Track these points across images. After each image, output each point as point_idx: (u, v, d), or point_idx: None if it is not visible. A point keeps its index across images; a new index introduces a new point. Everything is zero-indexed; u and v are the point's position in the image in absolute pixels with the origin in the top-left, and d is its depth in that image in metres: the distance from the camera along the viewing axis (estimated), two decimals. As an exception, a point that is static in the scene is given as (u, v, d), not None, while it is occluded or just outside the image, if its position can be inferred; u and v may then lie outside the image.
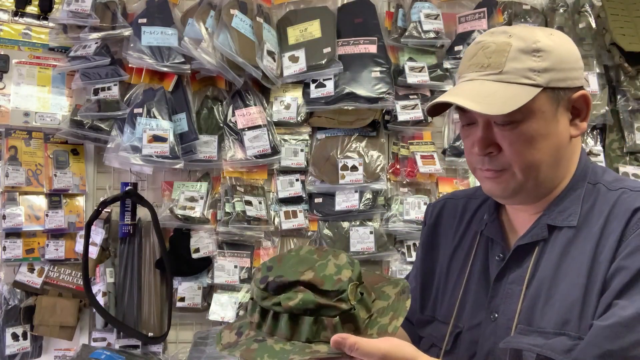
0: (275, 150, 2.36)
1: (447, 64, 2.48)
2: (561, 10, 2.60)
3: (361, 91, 2.37)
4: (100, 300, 2.24)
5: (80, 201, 2.36)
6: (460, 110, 1.03)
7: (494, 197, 1.08)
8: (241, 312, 2.30)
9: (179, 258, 2.32)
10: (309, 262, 0.93)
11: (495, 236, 1.10)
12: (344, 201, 2.37)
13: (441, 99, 1.00)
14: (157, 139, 2.22)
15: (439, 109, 1.04)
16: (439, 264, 1.21)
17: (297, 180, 2.40)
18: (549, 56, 0.97)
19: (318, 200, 2.41)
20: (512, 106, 0.94)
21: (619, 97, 2.56)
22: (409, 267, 2.37)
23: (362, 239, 2.35)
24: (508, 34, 1.00)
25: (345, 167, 2.38)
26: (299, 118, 2.42)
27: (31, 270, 2.28)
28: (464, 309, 1.11)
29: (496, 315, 1.04)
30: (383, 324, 0.91)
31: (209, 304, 2.34)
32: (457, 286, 1.14)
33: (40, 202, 2.28)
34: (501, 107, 0.94)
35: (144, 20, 2.31)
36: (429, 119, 2.47)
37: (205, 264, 2.35)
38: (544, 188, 1.03)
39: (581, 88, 1.02)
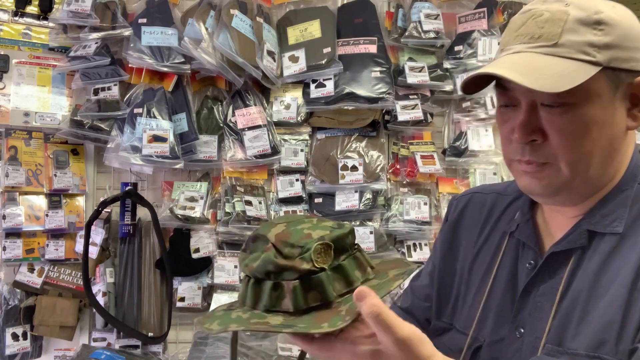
0: (275, 150, 2.36)
1: (447, 64, 2.48)
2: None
3: (361, 91, 2.37)
4: (100, 300, 2.24)
5: (80, 201, 2.36)
6: (500, 87, 0.89)
7: (531, 195, 0.94)
8: None
9: (179, 258, 2.32)
10: (290, 219, 0.84)
11: (528, 240, 0.96)
12: (344, 201, 2.37)
13: (482, 70, 0.85)
14: (157, 139, 2.22)
15: (476, 85, 0.91)
16: (460, 265, 1.07)
17: (297, 180, 2.40)
18: (612, 30, 0.83)
19: (318, 200, 2.41)
20: (567, 84, 0.79)
21: None
22: (409, 267, 2.37)
23: (362, 239, 2.35)
24: (564, 2, 0.85)
25: (345, 167, 2.38)
26: (299, 118, 2.42)
27: (31, 270, 2.28)
28: (485, 320, 0.97)
29: (522, 331, 0.91)
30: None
31: (209, 304, 2.34)
32: (480, 292, 1.00)
33: (40, 202, 2.28)
34: (554, 84, 0.80)
35: (144, 20, 2.31)
36: (429, 119, 2.47)
37: (205, 264, 2.35)
38: (590, 187, 0.89)
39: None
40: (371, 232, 2.36)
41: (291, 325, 0.75)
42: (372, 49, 2.45)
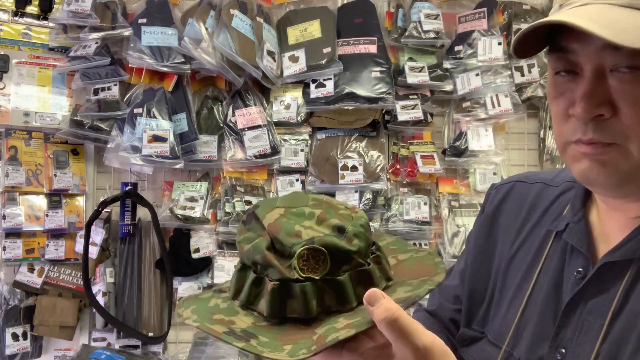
0: (275, 150, 2.36)
1: (447, 64, 2.48)
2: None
3: (361, 91, 2.37)
4: (100, 300, 2.24)
5: (80, 201, 2.35)
6: (558, 51, 0.72)
7: (590, 184, 0.76)
8: None
9: (179, 258, 2.32)
10: (293, 203, 0.71)
11: (579, 244, 0.80)
12: (344, 201, 2.37)
13: (546, 19, 0.68)
14: (157, 139, 2.22)
15: (528, 45, 0.74)
16: (495, 265, 0.93)
17: (297, 180, 2.40)
18: None
19: (318, 200, 2.40)
20: None
21: None
22: (409, 267, 2.37)
23: (362, 239, 2.35)
24: None
25: (345, 167, 2.38)
26: (299, 118, 2.42)
27: (31, 270, 2.28)
28: (522, 333, 0.83)
29: (564, 352, 0.77)
30: (339, 324, 0.64)
31: (209, 304, 2.33)
32: (517, 300, 0.86)
33: (40, 202, 2.28)
34: (634, 36, 0.63)
35: (144, 20, 2.31)
36: (429, 119, 2.47)
37: (205, 264, 2.35)
38: None
39: None
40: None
41: (249, 337, 0.64)
42: (372, 49, 2.45)
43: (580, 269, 0.79)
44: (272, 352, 0.62)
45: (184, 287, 2.33)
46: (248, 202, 2.30)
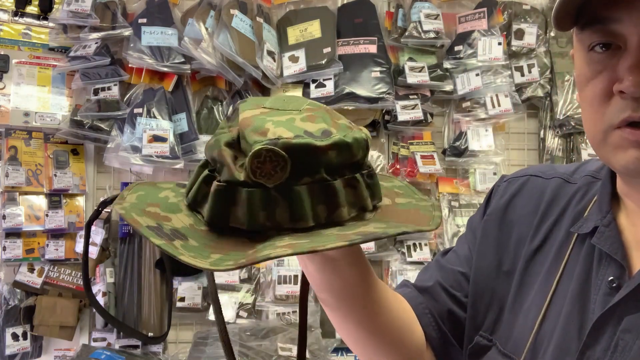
0: (275, 150, 2.35)
1: (447, 64, 2.48)
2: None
3: (361, 91, 2.37)
4: (100, 300, 2.24)
5: (80, 201, 2.35)
6: (596, 23, 0.63)
7: (635, 174, 0.66)
8: (241, 312, 2.30)
9: (179, 258, 2.32)
10: (285, 104, 0.61)
11: (612, 250, 0.69)
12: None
13: None
14: (157, 139, 2.22)
15: (564, 18, 0.64)
16: (507, 267, 0.82)
17: (297, 180, 2.40)
18: None
19: (318, 200, 2.40)
20: None
21: None
22: (409, 267, 2.37)
23: (362, 239, 2.35)
24: None
25: (345, 167, 2.37)
26: (299, 118, 2.42)
27: (31, 270, 2.28)
28: (541, 347, 0.72)
29: None
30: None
31: (209, 304, 2.34)
32: (535, 307, 0.75)
33: (40, 202, 2.28)
34: None
35: (144, 20, 2.31)
36: (429, 119, 2.47)
37: (205, 264, 2.35)
38: None
39: None
40: (371, 232, 2.36)
41: (175, 237, 0.56)
42: (372, 49, 2.45)
43: (613, 278, 0.68)
44: (191, 258, 0.54)
45: (184, 287, 2.33)
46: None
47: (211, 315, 2.31)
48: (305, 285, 0.77)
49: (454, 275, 0.86)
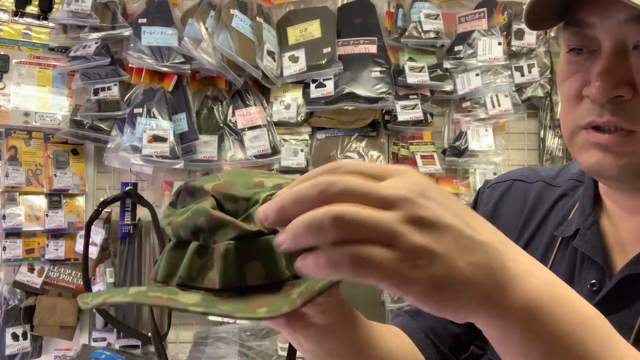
0: (275, 150, 2.36)
1: (447, 64, 2.48)
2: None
3: (361, 91, 2.37)
4: (100, 300, 2.24)
5: (80, 201, 2.35)
6: (574, 25, 0.64)
7: (601, 177, 0.68)
8: None
9: (179, 258, 2.32)
10: (241, 172, 0.58)
11: (593, 253, 0.70)
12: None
13: None
14: (157, 139, 2.22)
15: (545, 16, 0.65)
16: None
17: (297, 180, 2.40)
18: None
19: (318, 200, 2.40)
20: None
21: None
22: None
23: (362, 239, 2.35)
24: None
25: (345, 167, 2.37)
26: (299, 118, 2.42)
27: (31, 270, 2.28)
28: None
29: None
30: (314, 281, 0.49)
31: (209, 304, 2.33)
32: None
33: (40, 202, 2.28)
34: None
35: (144, 20, 2.31)
36: (429, 119, 2.47)
37: (205, 264, 2.35)
38: None
39: None
40: (371, 232, 2.36)
41: (208, 305, 0.49)
42: (372, 49, 2.45)
43: (594, 281, 0.68)
44: (245, 314, 0.48)
45: (184, 287, 2.33)
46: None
47: (211, 316, 2.31)
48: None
49: None
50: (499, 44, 2.43)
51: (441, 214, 0.43)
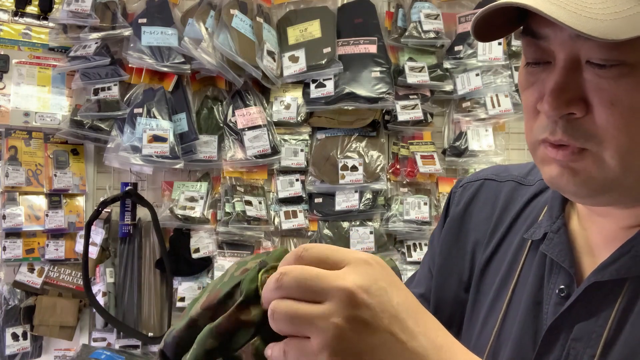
0: (275, 150, 2.36)
1: (447, 64, 2.48)
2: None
3: (361, 91, 2.37)
4: (100, 300, 2.24)
5: (80, 201, 2.35)
6: (529, 35, 0.62)
7: (561, 191, 0.66)
8: None
9: (179, 258, 2.32)
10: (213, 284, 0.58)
11: (560, 258, 0.68)
12: (344, 201, 2.37)
13: (499, 3, 0.57)
14: (157, 139, 2.22)
15: (497, 25, 0.62)
16: (465, 276, 0.80)
17: (297, 180, 2.40)
18: None
19: (318, 200, 2.41)
20: (631, 31, 0.53)
21: None
22: (410, 267, 2.37)
23: (362, 239, 2.35)
24: None
25: (345, 167, 2.38)
26: (299, 118, 2.42)
27: (31, 270, 2.28)
28: (499, 353, 0.71)
29: None
30: None
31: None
32: (491, 318, 0.73)
33: (40, 202, 2.28)
34: (612, 28, 0.53)
35: (144, 20, 2.31)
36: (429, 119, 2.47)
37: (205, 264, 2.35)
38: None
39: None
40: (371, 232, 2.36)
41: None
42: (372, 49, 2.45)
43: (563, 287, 0.67)
44: None
45: (184, 287, 2.33)
46: (248, 202, 2.30)
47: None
48: None
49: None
50: (499, 44, 2.43)
51: (376, 316, 0.47)
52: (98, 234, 2.25)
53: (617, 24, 0.53)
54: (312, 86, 2.40)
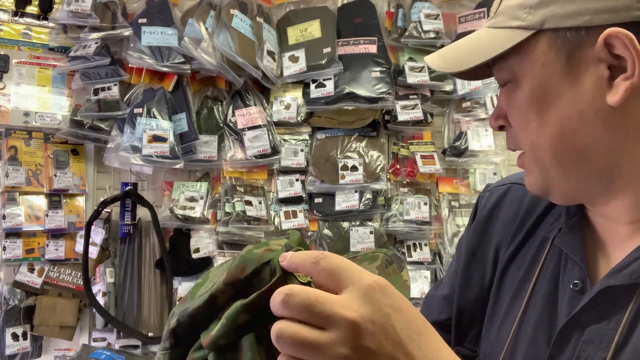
0: (275, 150, 2.36)
1: (447, 64, 2.47)
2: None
3: (361, 91, 2.37)
4: (100, 300, 2.24)
5: (80, 201, 2.35)
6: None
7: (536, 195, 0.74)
8: None
9: (179, 258, 2.32)
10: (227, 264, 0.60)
11: (573, 252, 0.71)
12: (344, 201, 2.37)
13: (432, 64, 0.73)
14: (157, 139, 2.22)
15: (471, 72, 0.72)
16: (488, 276, 0.83)
17: (297, 180, 2.40)
18: None
19: (318, 200, 2.41)
20: (476, 59, 0.67)
21: None
22: (410, 267, 2.37)
23: (362, 239, 2.35)
24: None
25: (345, 167, 2.38)
26: (299, 118, 2.42)
27: (31, 270, 2.28)
28: (516, 351, 0.73)
29: None
30: None
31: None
32: (510, 316, 0.76)
33: (40, 202, 2.28)
34: (461, 61, 0.69)
35: (144, 20, 2.31)
36: (429, 119, 2.47)
37: (205, 264, 2.35)
38: (594, 182, 0.66)
39: (622, 25, 0.59)
40: (371, 232, 2.36)
41: None
42: (372, 49, 2.45)
43: (577, 281, 0.69)
44: None
45: (184, 287, 2.33)
46: (248, 202, 2.30)
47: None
48: None
49: (437, 301, 0.90)
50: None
51: (380, 343, 0.49)
52: (98, 234, 2.25)
53: (470, 55, 0.68)
54: (312, 86, 2.40)
